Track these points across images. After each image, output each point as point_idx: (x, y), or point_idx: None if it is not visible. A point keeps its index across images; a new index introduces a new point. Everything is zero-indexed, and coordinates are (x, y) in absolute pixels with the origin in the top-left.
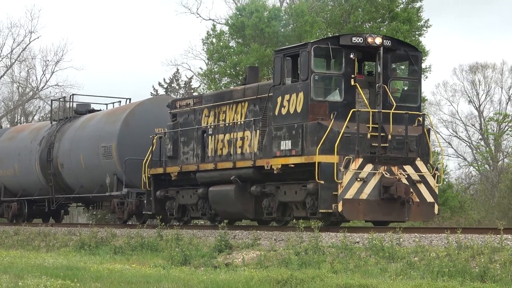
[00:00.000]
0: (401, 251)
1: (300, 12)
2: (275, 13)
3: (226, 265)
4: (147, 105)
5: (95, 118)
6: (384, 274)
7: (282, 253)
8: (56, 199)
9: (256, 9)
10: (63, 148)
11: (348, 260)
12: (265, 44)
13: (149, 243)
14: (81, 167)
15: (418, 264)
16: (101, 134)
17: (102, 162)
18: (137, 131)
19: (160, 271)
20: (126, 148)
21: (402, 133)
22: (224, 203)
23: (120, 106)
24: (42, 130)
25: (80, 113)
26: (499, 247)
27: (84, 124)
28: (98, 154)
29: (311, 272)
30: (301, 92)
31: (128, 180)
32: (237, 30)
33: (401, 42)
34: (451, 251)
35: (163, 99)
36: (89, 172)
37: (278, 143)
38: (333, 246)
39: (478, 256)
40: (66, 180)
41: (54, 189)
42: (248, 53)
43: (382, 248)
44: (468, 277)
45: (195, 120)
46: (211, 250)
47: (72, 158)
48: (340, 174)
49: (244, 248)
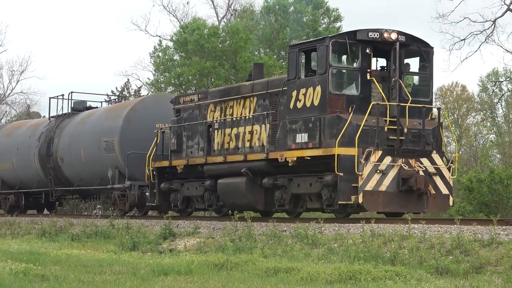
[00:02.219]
0: (323, 239)
1: (235, 30)
2: (214, 30)
3: (170, 251)
4: (147, 102)
5: (95, 114)
6: (308, 258)
7: (219, 240)
8: (55, 191)
9: (197, 27)
10: (63, 143)
11: (277, 246)
12: (205, 58)
13: (102, 231)
14: (81, 161)
15: (337, 250)
16: (102, 129)
17: (104, 156)
18: (138, 127)
19: (112, 255)
20: (128, 143)
21: (417, 127)
22: (234, 195)
23: (121, 103)
24: (41, 126)
25: (77, 110)
26: (407, 235)
27: (84, 120)
28: (99, 148)
29: (244, 256)
30: (319, 86)
31: (130, 173)
32: (180, 45)
33: (414, 37)
34: (366, 238)
35: (163, 96)
36: (90, 165)
37: (294, 136)
38: (263, 234)
39: (389, 243)
40: (66, 173)
41: (53, 182)
42: (190, 65)
43: (306, 236)
44: (380, 261)
45: (200, 115)
46: (157, 237)
47: (72, 153)
48: (360, 166)
49: (186, 236)
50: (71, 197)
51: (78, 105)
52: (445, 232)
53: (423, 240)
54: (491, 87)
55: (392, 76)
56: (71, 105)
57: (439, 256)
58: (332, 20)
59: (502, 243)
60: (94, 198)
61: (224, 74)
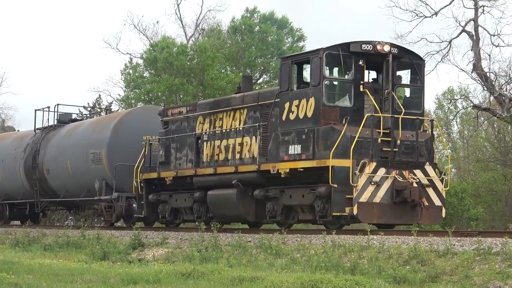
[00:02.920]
0: (286, 249)
1: (203, 49)
2: (182, 49)
3: (139, 260)
4: (134, 114)
5: (81, 126)
6: (272, 268)
7: (186, 250)
8: (40, 202)
9: (166, 46)
10: (49, 155)
11: (242, 256)
12: (173, 75)
13: (74, 241)
14: (68, 173)
15: (300, 260)
16: (89, 142)
17: (91, 168)
18: (126, 138)
19: (83, 265)
20: (115, 155)
21: (409, 138)
22: (224, 207)
23: (108, 115)
24: (26, 138)
25: (62, 122)
26: (366, 246)
27: (70, 132)
28: (86, 160)
29: (211, 266)
30: (312, 97)
31: (117, 185)
32: (150, 63)
33: (406, 50)
34: (327, 249)
35: (149, 109)
36: (76, 177)
37: (286, 147)
38: (229, 244)
39: (349, 253)
40: (52, 185)
41: (39, 193)
42: (159, 82)
43: (270, 246)
44: (341, 271)
45: (188, 127)
46: (126, 247)
47: (59, 164)
48: (355, 178)
49: (155, 246)
50: (56, 208)
51: (63, 117)
52: (403, 242)
53: (382, 250)
54: (447, 104)
55: (384, 88)
56: (56, 117)
57: (397, 266)
58: (296, 39)
59: (457, 254)
60: (80, 210)
61: (192, 91)
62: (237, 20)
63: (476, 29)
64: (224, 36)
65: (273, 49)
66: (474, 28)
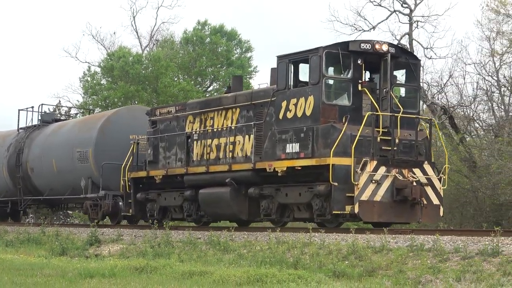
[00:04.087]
0: (234, 245)
1: (157, 58)
2: (137, 58)
3: (96, 256)
4: (121, 114)
5: (66, 126)
6: (220, 263)
7: (140, 246)
8: (24, 200)
9: (122, 55)
10: (33, 153)
11: (192, 252)
12: (129, 83)
13: (34, 237)
14: (53, 171)
15: (246, 255)
16: (75, 141)
17: (77, 166)
18: (112, 138)
19: (43, 260)
20: (102, 153)
21: (407, 137)
22: (217, 205)
23: (93, 115)
24: (9, 137)
25: (46, 122)
26: (308, 242)
27: (55, 131)
28: (72, 158)
29: (163, 261)
30: (311, 96)
31: (104, 183)
32: (107, 71)
33: (403, 49)
34: (272, 245)
35: (136, 109)
36: (61, 175)
37: (283, 146)
38: (180, 241)
39: (293, 249)
40: (35, 183)
41: (22, 191)
42: (116, 89)
43: (218, 243)
44: (284, 265)
45: (178, 126)
46: (84, 243)
47: (44, 163)
48: (356, 176)
49: (110, 242)
50: (36, 207)
51: (47, 117)
52: (342, 239)
53: (323, 246)
54: None
55: (382, 87)
56: (39, 117)
57: (337, 261)
58: (244, 50)
59: (392, 250)
60: (63, 208)
61: (147, 98)
62: (189, 32)
63: (410, 43)
64: (177, 47)
65: (223, 59)
66: (409, 42)
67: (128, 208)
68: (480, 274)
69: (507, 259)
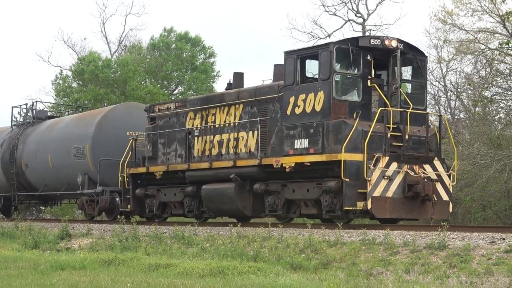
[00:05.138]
0: (197, 239)
1: (125, 63)
2: (107, 63)
3: (67, 249)
4: (118, 111)
5: (62, 122)
6: (184, 256)
7: (109, 240)
8: (18, 196)
9: (93, 59)
10: (28, 149)
11: (158, 245)
12: (99, 86)
13: (8, 232)
14: (48, 167)
15: (209, 249)
16: (71, 137)
17: (73, 162)
18: (110, 134)
19: (16, 253)
20: (99, 150)
21: (416, 133)
22: (221, 201)
23: (90, 111)
24: (3, 134)
25: (39, 119)
26: (267, 237)
27: (50, 127)
28: (68, 155)
29: (130, 254)
30: (321, 91)
31: (101, 179)
32: (78, 75)
33: (411, 45)
34: (233, 239)
35: (133, 106)
36: (57, 171)
37: (291, 142)
38: (147, 235)
39: (253, 243)
40: (30, 179)
41: (16, 187)
42: (86, 92)
43: (183, 237)
44: (245, 258)
45: (178, 123)
46: (55, 237)
47: (39, 159)
48: (369, 172)
49: (81, 237)
50: (29, 202)
51: (40, 114)
52: (299, 234)
53: (281, 241)
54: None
55: (391, 83)
56: (32, 114)
57: (294, 254)
58: (208, 56)
59: (346, 244)
60: (56, 203)
61: (115, 100)
62: (156, 38)
63: None
64: (144, 52)
65: (187, 64)
66: None
67: (126, 203)
68: (428, 266)
69: (452, 252)
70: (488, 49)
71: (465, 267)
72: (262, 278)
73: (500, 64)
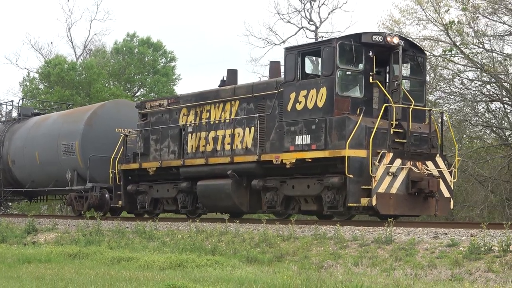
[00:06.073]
0: (158, 234)
1: (90, 66)
2: (72, 66)
3: (33, 243)
4: (107, 108)
5: (49, 119)
6: (145, 249)
7: (73, 235)
8: (4, 192)
9: (59, 63)
10: (14, 146)
11: (120, 240)
12: (64, 87)
13: None
14: (35, 163)
15: (169, 243)
16: (60, 133)
17: (62, 159)
18: (99, 130)
19: None
20: (89, 146)
21: (417, 130)
22: (217, 197)
23: (79, 108)
24: None
25: (25, 116)
26: (224, 231)
27: (37, 124)
28: (57, 151)
29: (94, 248)
30: (324, 87)
31: (91, 176)
32: (44, 77)
33: (411, 42)
34: (192, 234)
35: (122, 103)
36: (45, 168)
37: (292, 138)
38: (110, 230)
39: (210, 237)
40: (16, 175)
41: (2, 183)
42: (52, 93)
43: (144, 232)
44: (203, 252)
45: (171, 119)
46: (22, 232)
47: (26, 155)
48: (374, 168)
49: (46, 231)
50: (13, 198)
51: (26, 111)
52: (255, 229)
53: (237, 235)
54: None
55: (393, 79)
56: (18, 111)
57: (249, 248)
58: (168, 60)
59: (298, 238)
60: (42, 200)
61: (81, 101)
62: (119, 43)
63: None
64: (108, 56)
65: (149, 67)
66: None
67: (117, 199)
68: (375, 259)
69: (398, 246)
70: (432, 56)
71: (410, 260)
72: (219, 271)
73: (444, 70)
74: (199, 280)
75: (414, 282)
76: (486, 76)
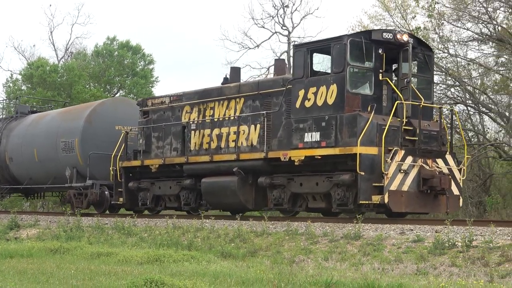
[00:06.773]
0: (136, 230)
1: (71, 68)
2: (54, 68)
3: (16, 239)
4: (107, 105)
5: (47, 116)
6: (124, 245)
7: (55, 231)
8: (1, 189)
9: (41, 65)
10: (12, 143)
11: (100, 235)
12: (46, 89)
13: None
14: (34, 161)
15: (147, 239)
16: (59, 130)
17: (61, 156)
18: (99, 128)
19: None
20: (88, 143)
21: (426, 128)
22: (222, 194)
23: (78, 105)
24: None
25: (22, 113)
26: (200, 227)
27: (35, 121)
28: (56, 148)
29: (74, 243)
30: (334, 84)
31: (91, 173)
32: (27, 78)
33: (419, 40)
34: (169, 230)
35: (121, 101)
36: (43, 165)
37: (301, 135)
38: (90, 226)
39: (187, 233)
40: (14, 172)
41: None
42: (34, 94)
43: (123, 228)
44: (180, 247)
45: (173, 117)
46: (5, 228)
47: (24, 153)
48: (386, 166)
49: (28, 227)
50: (9, 196)
51: (23, 109)
52: (229, 225)
53: (213, 231)
54: None
55: (402, 77)
56: (15, 108)
57: (224, 243)
58: (147, 63)
59: (271, 234)
60: (39, 197)
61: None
62: (100, 46)
63: (288, 59)
64: (88, 59)
65: (128, 70)
66: (287, 58)
67: (118, 197)
68: (344, 254)
69: (366, 242)
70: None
71: (377, 255)
72: (195, 265)
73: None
74: (175, 274)
75: (382, 276)
76: (451, 80)
